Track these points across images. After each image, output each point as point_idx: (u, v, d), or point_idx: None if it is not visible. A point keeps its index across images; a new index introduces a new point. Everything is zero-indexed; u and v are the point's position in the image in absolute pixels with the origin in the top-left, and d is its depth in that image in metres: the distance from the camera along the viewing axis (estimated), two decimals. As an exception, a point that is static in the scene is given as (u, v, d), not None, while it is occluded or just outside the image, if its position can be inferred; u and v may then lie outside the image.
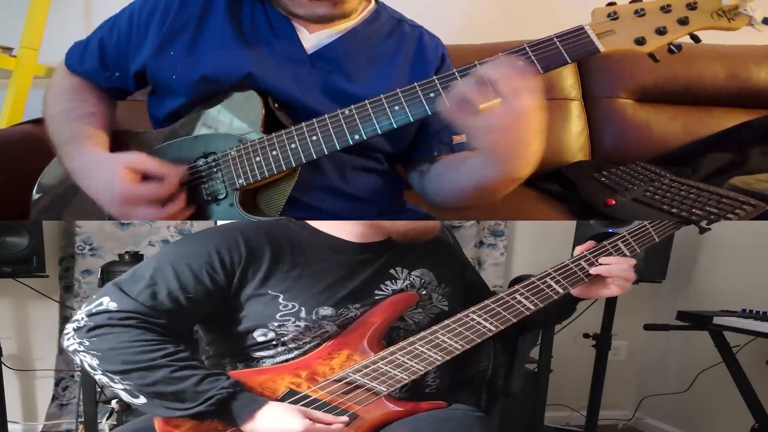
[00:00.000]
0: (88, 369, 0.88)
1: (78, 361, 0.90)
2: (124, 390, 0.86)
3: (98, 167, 1.07)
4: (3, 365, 1.89)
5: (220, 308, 0.98)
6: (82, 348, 0.88)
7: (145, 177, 1.04)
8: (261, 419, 0.85)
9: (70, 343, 0.89)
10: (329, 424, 0.87)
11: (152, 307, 0.91)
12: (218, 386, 0.85)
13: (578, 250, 1.10)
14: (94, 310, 0.90)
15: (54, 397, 2.14)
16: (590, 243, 1.10)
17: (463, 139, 1.20)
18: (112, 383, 0.87)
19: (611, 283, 1.06)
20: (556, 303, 1.06)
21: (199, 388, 0.85)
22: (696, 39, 0.97)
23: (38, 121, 1.27)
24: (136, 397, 0.86)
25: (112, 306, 0.90)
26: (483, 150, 0.96)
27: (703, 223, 1.19)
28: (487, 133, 0.91)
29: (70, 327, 0.90)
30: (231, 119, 1.09)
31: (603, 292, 1.08)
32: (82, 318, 0.90)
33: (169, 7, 1.12)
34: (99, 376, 0.87)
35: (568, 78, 1.98)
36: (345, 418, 0.89)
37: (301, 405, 0.91)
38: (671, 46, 0.96)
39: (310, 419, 0.86)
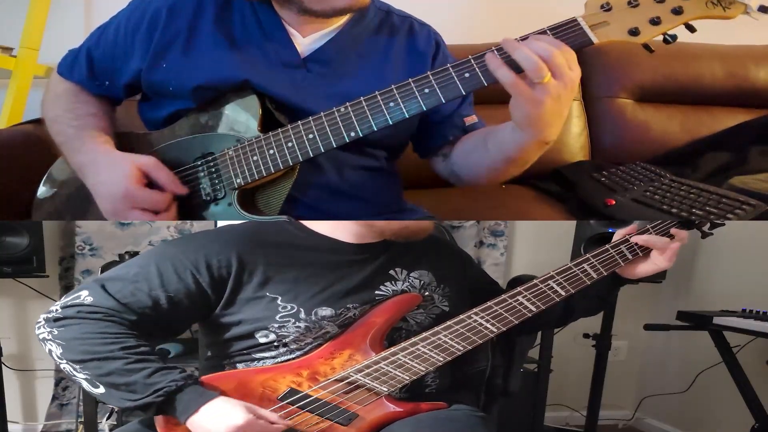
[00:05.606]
0: (54, 358, 0.90)
1: (47, 350, 0.92)
2: (85, 379, 0.88)
3: (108, 163, 1.07)
4: (3, 365, 1.89)
5: (206, 314, 0.99)
6: (50, 337, 0.90)
7: (149, 183, 1.04)
8: (205, 413, 0.86)
9: (41, 331, 0.92)
10: (273, 423, 0.87)
11: (127, 305, 0.92)
12: (168, 379, 0.87)
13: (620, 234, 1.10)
14: (69, 303, 0.92)
15: (54, 397, 2.14)
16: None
17: (475, 120, 1.19)
18: (74, 372, 0.89)
19: (659, 254, 1.07)
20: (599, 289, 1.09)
21: (149, 380, 0.86)
22: (691, 29, 0.95)
23: (39, 121, 1.27)
24: (96, 386, 0.88)
25: (88, 300, 0.92)
26: (521, 119, 0.94)
27: (706, 228, 1.19)
28: (535, 104, 0.90)
29: (42, 316, 0.93)
30: (228, 119, 1.09)
31: (648, 267, 1.09)
32: (56, 309, 0.92)
33: (156, 20, 1.10)
34: (63, 365, 0.90)
35: (567, 78, 1.97)
36: (288, 422, 0.89)
37: (302, 404, 0.91)
38: (666, 36, 0.94)
39: (255, 416, 0.86)
